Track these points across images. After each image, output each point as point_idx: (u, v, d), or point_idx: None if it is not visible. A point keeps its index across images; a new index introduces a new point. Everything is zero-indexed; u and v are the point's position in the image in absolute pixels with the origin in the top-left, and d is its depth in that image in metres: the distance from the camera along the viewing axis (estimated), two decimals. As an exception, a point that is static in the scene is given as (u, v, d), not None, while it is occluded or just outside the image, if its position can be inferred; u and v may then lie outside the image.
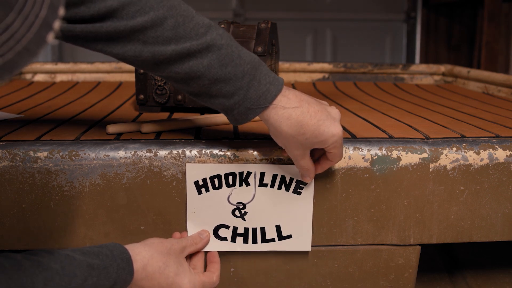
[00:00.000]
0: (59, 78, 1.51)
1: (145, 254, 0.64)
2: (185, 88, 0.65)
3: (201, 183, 0.71)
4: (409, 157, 0.73)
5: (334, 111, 0.65)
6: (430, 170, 0.73)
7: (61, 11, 0.37)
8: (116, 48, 0.62)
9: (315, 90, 1.38)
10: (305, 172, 0.69)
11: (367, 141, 0.74)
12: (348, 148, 0.73)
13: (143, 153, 0.71)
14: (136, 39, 0.61)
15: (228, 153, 0.71)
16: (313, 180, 0.72)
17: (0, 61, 0.34)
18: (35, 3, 0.35)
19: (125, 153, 0.71)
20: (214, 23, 0.64)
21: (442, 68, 1.59)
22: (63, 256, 0.57)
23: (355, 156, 0.72)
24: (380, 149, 0.73)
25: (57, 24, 0.37)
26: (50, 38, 0.37)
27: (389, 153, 0.73)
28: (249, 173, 0.72)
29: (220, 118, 0.84)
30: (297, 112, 0.62)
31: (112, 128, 0.76)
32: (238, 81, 0.62)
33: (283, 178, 0.72)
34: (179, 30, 0.61)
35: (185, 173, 0.71)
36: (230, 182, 0.72)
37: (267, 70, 0.64)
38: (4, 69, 0.35)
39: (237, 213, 0.73)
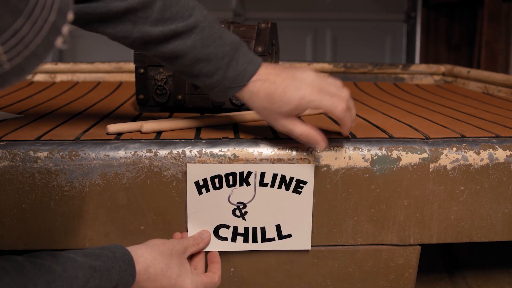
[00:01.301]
0: (59, 78, 1.51)
1: (147, 256, 0.64)
2: (170, 66, 0.70)
3: (201, 183, 0.71)
4: (409, 157, 0.73)
5: (305, 74, 0.66)
6: (430, 170, 0.73)
7: (70, 16, 0.38)
8: (108, 28, 0.66)
9: (315, 90, 1.38)
10: (308, 139, 0.67)
11: (367, 141, 0.74)
12: (348, 148, 0.73)
13: (143, 153, 0.71)
14: (127, 20, 0.65)
15: (228, 153, 0.71)
16: (313, 180, 0.72)
17: (8, 65, 0.34)
18: (44, 8, 0.35)
19: (125, 153, 0.71)
20: (199, 3, 0.68)
21: (442, 68, 1.59)
22: (65, 258, 0.57)
23: (355, 156, 0.72)
24: (380, 149, 0.73)
25: (65, 29, 0.37)
26: (59, 42, 0.37)
27: (389, 153, 0.73)
28: (249, 173, 0.72)
29: (220, 118, 0.84)
30: (264, 85, 0.66)
31: (112, 128, 0.76)
32: (218, 61, 0.66)
33: (283, 177, 0.72)
34: (166, 13, 0.65)
35: (185, 173, 0.71)
36: (231, 182, 0.72)
37: (246, 51, 0.68)
38: (12, 74, 0.35)
39: (237, 212, 0.73)
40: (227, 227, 0.74)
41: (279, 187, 0.72)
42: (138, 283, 0.63)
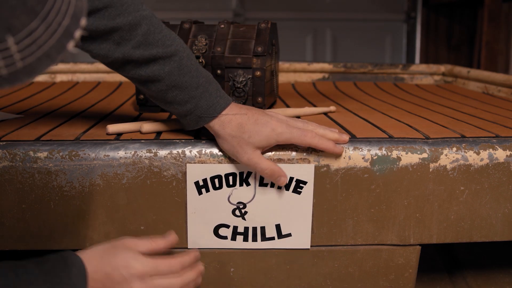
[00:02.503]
0: (59, 78, 1.51)
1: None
2: (145, 90, 0.72)
3: (201, 183, 0.72)
4: (409, 157, 0.73)
5: (273, 113, 0.70)
6: (430, 170, 0.73)
7: (83, 22, 0.39)
8: (92, 45, 0.68)
9: (315, 90, 1.38)
10: (273, 174, 0.70)
11: (367, 141, 0.74)
12: (348, 148, 0.73)
13: (143, 153, 0.71)
14: (112, 39, 0.67)
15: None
16: (313, 180, 0.72)
17: (20, 64, 0.36)
18: (59, 12, 0.36)
19: (125, 153, 0.71)
20: (179, 38, 0.71)
21: (442, 68, 1.59)
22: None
23: (355, 156, 0.72)
24: (380, 149, 0.73)
25: (78, 34, 0.39)
26: (70, 46, 0.38)
27: (389, 153, 0.73)
28: (249, 173, 0.72)
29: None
30: (236, 117, 0.69)
31: (112, 128, 0.76)
32: (192, 90, 0.69)
33: (283, 178, 0.72)
34: (149, 37, 0.68)
35: (185, 173, 0.71)
36: (231, 182, 0.72)
37: (219, 86, 0.71)
38: (23, 73, 0.37)
39: (237, 212, 0.73)
40: (227, 226, 0.74)
41: (279, 187, 0.72)
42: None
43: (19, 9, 0.34)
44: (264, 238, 0.75)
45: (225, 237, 0.74)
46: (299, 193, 0.73)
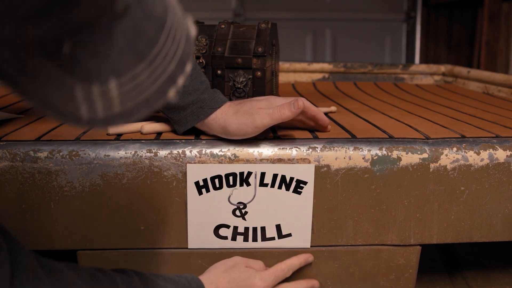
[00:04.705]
0: (59, 78, 1.51)
1: (212, 278, 0.70)
2: None
3: (201, 183, 0.71)
4: (409, 157, 0.73)
5: (260, 103, 0.72)
6: (431, 170, 0.73)
7: (188, 68, 0.36)
8: None
9: (315, 90, 1.38)
10: (291, 104, 0.70)
11: (367, 141, 0.74)
12: (348, 148, 0.73)
13: (143, 153, 0.71)
14: None
15: (228, 153, 0.71)
16: (313, 180, 0.72)
17: (118, 109, 0.33)
18: (166, 56, 0.34)
19: (125, 153, 0.71)
20: None
21: (442, 68, 1.59)
22: (149, 281, 0.61)
23: (355, 156, 0.72)
24: (380, 149, 0.73)
25: (181, 81, 0.36)
26: (171, 93, 0.35)
27: (389, 153, 0.73)
28: (249, 173, 0.72)
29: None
30: (231, 104, 0.73)
31: (112, 129, 0.76)
32: (197, 84, 0.72)
33: (283, 178, 0.72)
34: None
35: (185, 173, 0.71)
36: (231, 182, 0.72)
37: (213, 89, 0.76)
38: (119, 117, 0.34)
39: (237, 212, 0.73)
40: (227, 226, 0.74)
41: (279, 187, 0.72)
42: None
43: (127, 51, 0.32)
44: (264, 238, 0.75)
45: (225, 237, 0.74)
46: (299, 193, 0.73)
